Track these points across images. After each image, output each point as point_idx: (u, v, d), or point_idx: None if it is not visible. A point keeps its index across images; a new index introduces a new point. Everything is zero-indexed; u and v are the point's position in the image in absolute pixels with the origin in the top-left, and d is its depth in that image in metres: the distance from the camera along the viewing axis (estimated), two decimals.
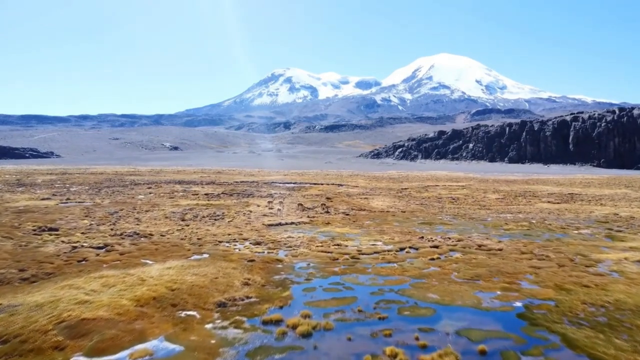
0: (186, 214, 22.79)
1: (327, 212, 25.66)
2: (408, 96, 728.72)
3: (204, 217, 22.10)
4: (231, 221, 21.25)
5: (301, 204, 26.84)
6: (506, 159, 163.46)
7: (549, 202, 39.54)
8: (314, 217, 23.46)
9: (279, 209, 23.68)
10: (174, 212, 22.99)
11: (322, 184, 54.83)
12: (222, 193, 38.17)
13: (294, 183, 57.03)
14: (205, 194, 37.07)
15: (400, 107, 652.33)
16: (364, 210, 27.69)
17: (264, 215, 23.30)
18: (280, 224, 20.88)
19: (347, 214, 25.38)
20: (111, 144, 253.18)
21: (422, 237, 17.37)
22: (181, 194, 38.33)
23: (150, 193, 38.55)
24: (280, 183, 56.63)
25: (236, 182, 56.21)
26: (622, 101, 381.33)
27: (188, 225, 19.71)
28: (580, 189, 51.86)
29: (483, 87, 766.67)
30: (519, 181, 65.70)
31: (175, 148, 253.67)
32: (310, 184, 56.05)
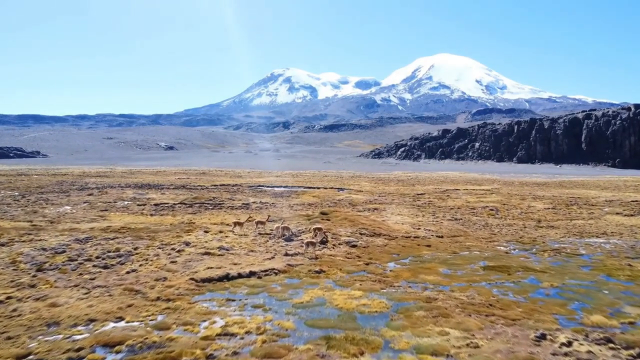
0: (63, 252, 12.71)
1: (322, 241, 15.55)
2: (408, 96, 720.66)
3: (90, 259, 12.02)
4: (134, 271, 11.19)
5: (284, 227, 16.75)
6: (515, 158, 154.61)
7: (617, 213, 29.67)
8: (295, 256, 13.36)
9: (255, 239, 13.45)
10: (43, 249, 12.90)
11: (318, 188, 44.78)
12: (181, 203, 28.09)
13: (284, 187, 46.93)
14: (156, 204, 27.01)
15: (400, 107, 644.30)
16: (380, 234, 17.63)
17: (207, 252, 13.14)
18: (227, 277, 10.83)
19: (354, 246, 15.33)
20: (104, 144, 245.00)
21: (544, 336, 7.33)
22: (126, 203, 28.28)
23: (85, 202, 28.53)
24: (268, 187, 46.54)
25: (215, 185, 46.18)
26: (622, 101, 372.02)
27: (34, 286, 9.67)
28: (637, 195, 41.91)
29: (483, 87, 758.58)
30: (551, 184, 55.66)
31: (171, 148, 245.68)
32: (305, 187, 46.00)
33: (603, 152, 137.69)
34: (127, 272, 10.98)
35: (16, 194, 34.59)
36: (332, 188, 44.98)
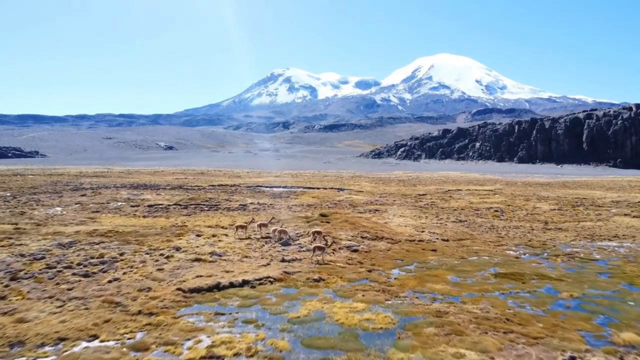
0: (42, 258, 11.81)
1: (321, 246, 14.63)
2: (408, 96, 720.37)
3: (70, 267, 11.12)
4: (116, 280, 10.28)
5: (282, 230, 15.83)
6: (515, 158, 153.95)
7: (625, 214, 28.84)
8: (293, 262, 12.47)
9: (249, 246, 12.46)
10: (22, 255, 11.99)
11: (318, 188, 43.89)
12: (176, 204, 27.20)
13: (283, 187, 46.03)
14: (150, 206, 26.14)
15: (400, 107, 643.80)
16: (382, 238, 16.75)
17: (198, 259, 12.22)
18: (217, 287, 9.93)
19: (356, 250, 14.46)
20: (103, 144, 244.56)
21: None
22: (119, 204, 27.40)
23: (77, 203, 27.64)
24: (266, 187, 45.65)
25: (212, 185, 45.31)
26: (622, 101, 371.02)
27: (3, 298, 8.73)
28: None
29: (483, 87, 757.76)
30: (554, 184, 54.79)
31: (170, 148, 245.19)
32: (304, 188, 45.10)
33: (604, 152, 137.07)
34: (109, 282, 10.08)
35: (7, 194, 33.74)
36: (332, 188, 44.12)
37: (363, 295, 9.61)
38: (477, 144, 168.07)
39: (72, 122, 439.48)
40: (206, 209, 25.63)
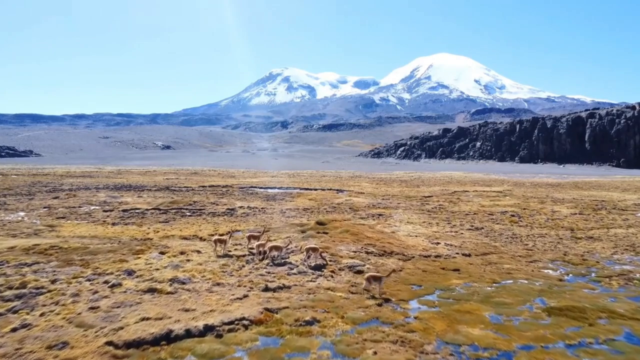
0: None
1: (318, 266, 11.68)
2: (406, 96, 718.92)
3: None
4: (24, 328, 7.08)
5: (274, 246, 12.75)
6: (517, 158, 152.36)
7: None
8: (279, 291, 9.46)
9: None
10: None
11: (315, 190, 41.01)
12: (155, 208, 24.22)
13: (279, 188, 43.11)
14: (125, 210, 23.15)
15: (398, 107, 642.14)
16: (391, 253, 13.80)
17: (152, 288, 9.12)
18: (167, 337, 6.87)
19: (360, 272, 11.49)
20: (100, 143, 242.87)
21: None
22: (92, 208, 24.41)
23: (45, 207, 24.66)
24: (260, 188, 42.73)
25: (203, 186, 42.39)
26: (621, 101, 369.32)
27: None
28: None
29: (482, 86, 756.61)
30: (565, 185, 52.00)
31: (168, 147, 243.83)
32: (301, 189, 42.19)
33: (607, 152, 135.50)
34: (13, 330, 7.06)
35: None
36: (330, 189, 41.23)
37: (375, 353, 6.64)
38: (478, 144, 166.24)
39: (70, 121, 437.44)
40: (188, 214, 22.67)
